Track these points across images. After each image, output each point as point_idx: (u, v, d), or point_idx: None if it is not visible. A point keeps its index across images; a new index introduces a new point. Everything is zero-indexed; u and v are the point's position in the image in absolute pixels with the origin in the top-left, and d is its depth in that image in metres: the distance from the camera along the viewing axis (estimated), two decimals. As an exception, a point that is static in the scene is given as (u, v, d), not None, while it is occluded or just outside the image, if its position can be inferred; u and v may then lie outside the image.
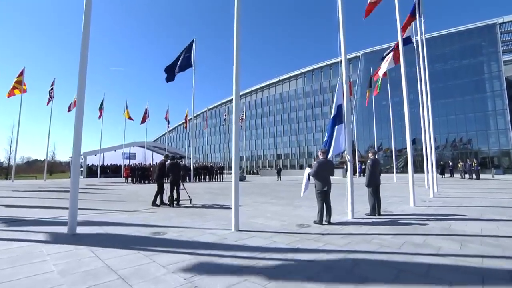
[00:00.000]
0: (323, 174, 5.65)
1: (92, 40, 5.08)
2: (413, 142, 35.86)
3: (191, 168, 21.83)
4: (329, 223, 5.53)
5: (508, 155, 31.59)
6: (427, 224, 5.33)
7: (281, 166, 29.61)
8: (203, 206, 8.07)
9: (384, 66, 15.12)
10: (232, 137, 5.33)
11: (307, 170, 5.97)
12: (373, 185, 6.46)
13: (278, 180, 23.76)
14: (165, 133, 58.93)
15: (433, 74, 27.47)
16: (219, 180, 23.79)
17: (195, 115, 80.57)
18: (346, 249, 3.83)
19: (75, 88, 4.89)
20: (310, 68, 57.60)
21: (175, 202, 8.12)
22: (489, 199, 9.10)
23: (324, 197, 5.61)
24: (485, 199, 8.95)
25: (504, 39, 37.02)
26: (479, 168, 18.84)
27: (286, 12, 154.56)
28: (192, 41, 20.08)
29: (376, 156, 6.81)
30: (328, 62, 54.39)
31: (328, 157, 5.93)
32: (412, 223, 5.44)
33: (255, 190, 14.14)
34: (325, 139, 6.33)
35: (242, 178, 24.25)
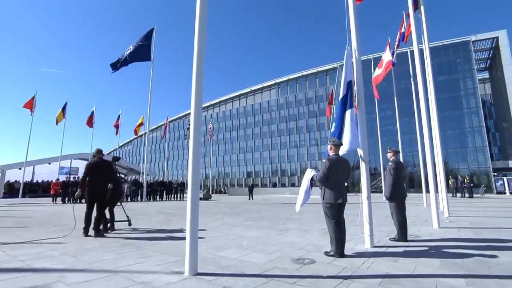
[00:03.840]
0: (336, 178, 3.95)
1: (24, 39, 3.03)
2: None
3: (144, 184, 19.11)
4: (342, 255, 3.77)
5: (487, 174, 32.94)
6: (492, 256, 3.80)
7: (253, 183, 27.71)
8: (148, 232, 5.91)
9: (382, 73, 14.35)
10: (191, 138, 3.42)
11: (309, 173, 4.23)
12: (399, 198, 4.89)
13: (249, 199, 21.84)
14: (117, 148, 53.92)
15: (407, 90, 28.20)
16: (179, 198, 21.23)
17: (154, 126, 76.96)
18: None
19: None
20: (285, 78, 57.77)
21: (109, 226, 5.87)
22: None
23: (337, 214, 3.87)
24: None
25: (476, 57, 39.91)
26: (471, 185, 18.65)
27: (259, 20, 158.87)
28: (152, 30, 18.12)
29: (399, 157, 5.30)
30: (304, 73, 54.95)
31: (343, 152, 4.28)
32: (467, 254, 3.87)
33: (224, 209, 12.08)
34: (333, 129, 4.70)
35: (207, 197, 21.91)
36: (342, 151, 4.42)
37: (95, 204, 5.36)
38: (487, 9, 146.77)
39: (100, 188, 5.38)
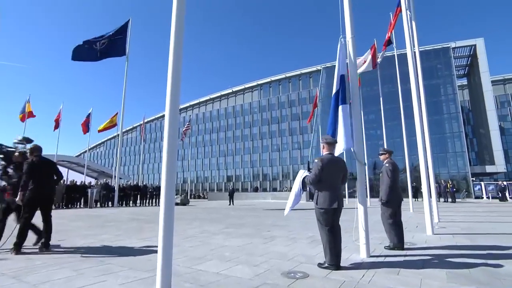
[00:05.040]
0: (331, 180, 3.63)
1: None
2: (374, 166, 37.11)
3: (116, 188, 18.15)
4: (338, 267, 3.44)
5: (466, 178, 34.27)
6: (498, 265, 3.60)
7: (234, 188, 27.22)
8: (115, 242, 5.34)
9: (362, 67, 14.44)
10: (165, 133, 2.95)
11: (302, 173, 3.89)
12: (396, 202, 4.65)
13: (230, 204, 21.28)
14: (86, 150, 51.53)
15: (390, 93, 28.86)
16: (154, 204, 20.36)
17: (129, 127, 74.64)
18: None
19: None
20: (267, 80, 57.85)
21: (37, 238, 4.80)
22: (509, 223, 8.37)
23: (332, 221, 3.54)
24: (507, 224, 8.15)
25: (455, 64, 41.70)
26: (454, 190, 19.17)
27: (241, 20, 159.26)
28: (127, 23, 17.34)
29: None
30: (287, 75, 55.27)
31: (338, 152, 4.00)
32: (472, 264, 3.65)
33: (203, 215, 11.55)
34: (328, 127, 4.43)
35: (185, 202, 21.18)
36: (338, 150, 4.13)
37: (41, 212, 4.53)
38: (465, 17, 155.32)
39: (47, 190, 4.61)
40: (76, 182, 17.04)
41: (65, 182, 16.62)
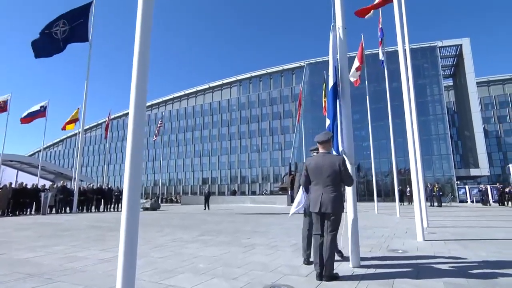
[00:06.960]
0: (316, 180, 3.67)
1: None
2: (358, 169, 37.82)
3: (75, 192, 17.28)
4: (330, 277, 3.36)
5: (451, 182, 35.75)
6: (495, 274, 3.62)
7: (210, 191, 26.83)
8: (68, 254, 4.94)
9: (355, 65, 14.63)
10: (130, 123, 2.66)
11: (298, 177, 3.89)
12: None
13: (205, 209, 20.90)
14: (41, 149, 48.65)
15: (376, 93, 29.54)
16: (121, 209, 19.62)
17: (93, 124, 72.02)
18: None
19: None
20: (247, 75, 57.68)
21: None
22: (498, 228, 8.72)
23: (316, 226, 3.56)
24: (496, 229, 8.49)
25: (441, 64, 43.45)
26: (441, 193, 19.85)
27: (220, 12, 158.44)
28: (90, 4, 16.57)
29: None
30: (269, 70, 55.36)
31: (340, 150, 4.06)
32: (470, 273, 3.65)
33: (175, 221, 11.19)
34: (328, 123, 4.35)
35: (155, 207, 20.60)
36: (341, 146, 4.11)
37: None
38: (452, 16, 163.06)
39: None
40: (26, 185, 15.99)
41: (12, 185, 15.54)
